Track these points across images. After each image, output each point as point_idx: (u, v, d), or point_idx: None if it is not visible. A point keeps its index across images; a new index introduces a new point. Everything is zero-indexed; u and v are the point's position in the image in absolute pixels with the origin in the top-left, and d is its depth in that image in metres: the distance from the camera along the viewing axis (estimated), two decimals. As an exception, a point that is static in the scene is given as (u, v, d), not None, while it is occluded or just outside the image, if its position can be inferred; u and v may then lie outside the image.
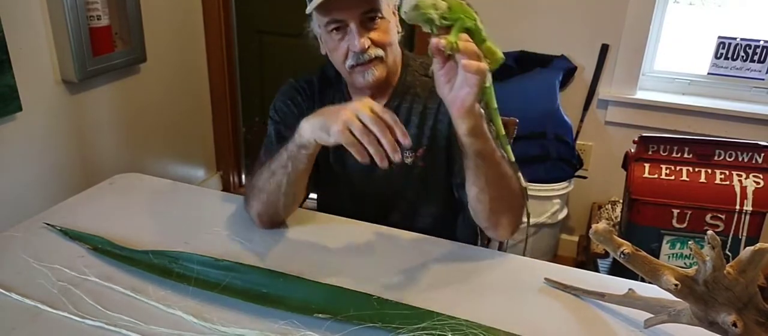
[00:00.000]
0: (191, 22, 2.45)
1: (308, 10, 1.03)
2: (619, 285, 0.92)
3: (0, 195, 1.71)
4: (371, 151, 0.84)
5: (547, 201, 2.03)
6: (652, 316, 0.82)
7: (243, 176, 2.89)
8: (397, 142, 0.84)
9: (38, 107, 1.79)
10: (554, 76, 2.02)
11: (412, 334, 0.80)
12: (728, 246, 1.47)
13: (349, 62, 1.05)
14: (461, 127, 0.88)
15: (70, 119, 1.92)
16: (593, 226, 0.68)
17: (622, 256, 0.68)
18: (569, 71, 2.11)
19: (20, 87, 1.70)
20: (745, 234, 1.44)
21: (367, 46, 1.02)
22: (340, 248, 1.06)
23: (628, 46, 2.07)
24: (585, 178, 2.13)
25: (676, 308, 0.79)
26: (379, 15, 1.03)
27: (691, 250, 0.73)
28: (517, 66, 2.11)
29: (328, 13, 1.02)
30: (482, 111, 0.90)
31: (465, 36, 0.82)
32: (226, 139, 2.73)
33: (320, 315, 0.84)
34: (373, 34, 1.03)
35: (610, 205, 2.08)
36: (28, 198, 1.78)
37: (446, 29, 0.83)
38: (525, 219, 1.07)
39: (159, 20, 2.20)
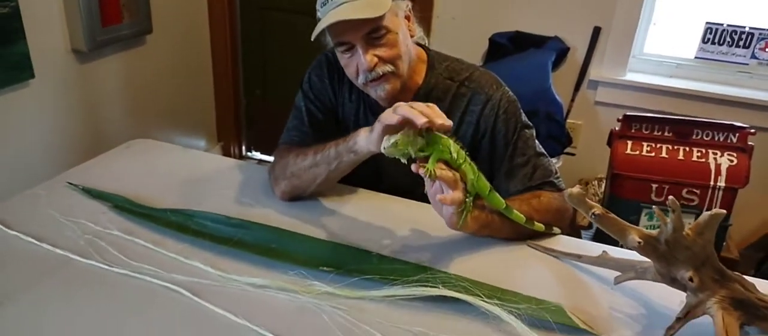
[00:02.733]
0: (196, -4, 2.51)
1: (313, 36, 1.04)
2: (595, 248, 1.02)
3: (14, 158, 1.79)
4: (415, 117, 0.86)
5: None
6: (621, 273, 0.92)
7: (243, 147, 2.97)
8: None
9: (50, 75, 1.85)
10: (547, 56, 2.10)
11: (406, 285, 0.90)
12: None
13: (361, 80, 1.06)
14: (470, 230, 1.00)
15: (80, 88, 1.99)
16: (568, 190, 0.77)
17: (593, 216, 0.77)
18: (562, 52, 2.19)
19: (33, 55, 1.76)
20: (718, 208, 1.53)
21: (374, 65, 1.03)
22: (345, 213, 1.14)
23: (619, 29, 2.15)
24: (573, 155, 2.22)
25: (642, 266, 0.89)
26: (384, 31, 1.03)
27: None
28: (512, 45, 2.19)
29: (334, 36, 1.04)
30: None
31: (441, 165, 0.89)
32: (227, 110, 2.80)
33: (324, 268, 0.94)
34: (380, 51, 1.03)
35: (596, 182, 2.18)
36: (40, 161, 1.86)
37: (425, 158, 0.90)
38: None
39: (166, -7, 2.26)
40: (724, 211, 0.80)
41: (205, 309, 0.85)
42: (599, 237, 1.41)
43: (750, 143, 1.56)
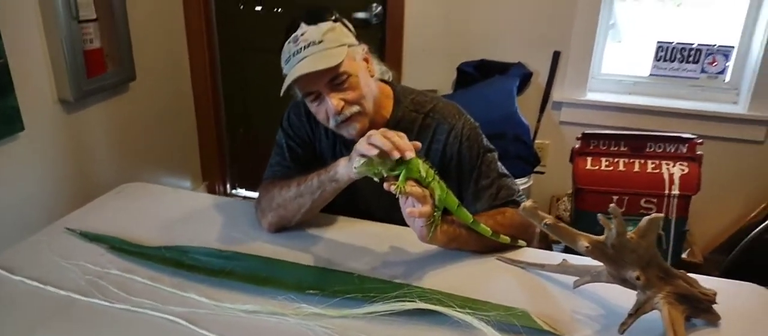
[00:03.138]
0: (176, 42, 2.62)
1: (281, 92, 1.13)
2: (556, 258, 1.12)
3: (7, 208, 1.85)
4: (389, 149, 0.96)
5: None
6: (579, 278, 1.02)
7: (228, 185, 3.05)
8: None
9: (38, 126, 1.93)
10: (512, 81, 2.23)
11: (386, 302, 0.98)
12: (661, 226, 1.67)
13: (332, 123, 1.15)
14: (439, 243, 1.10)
15: (68, 136, 2.06)
16: (522, 204, 0.87)
17: (545, 226, 0.88)
18: (525, 77, 2.32)
19: (22, 108, 1.84)
20: (674, 215, 1.66)
21: (341, 108, 1.11)
22: (327, 239, 1.24)
23: (577, 52, 2.29)
24: (542, 173, 2.34)
25: (597, 270, 0.99)
26: (345, 76, 1.11)
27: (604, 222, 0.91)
28: (479, 73, 2.32)
29: (300, 89, 1.14)
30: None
31: (411, 182, 1.00)
32: (211, 150, 2.88)
33: (310, 291, 1.02)
34: (345, 94, 1.12)
35: (566, 197, 2.30)
36: (33, 210, 1.92)
37: (397, 177, 1.00)
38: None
39: (146, 41, 2.36)
40: (661, 216, 0.91)
41: (202, 336, 0.93)
42: (569, 248, 1.50)
43: (699, 152, 1.69)
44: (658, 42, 2.31)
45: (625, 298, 0.96)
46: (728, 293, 1.04)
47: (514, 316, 0.96)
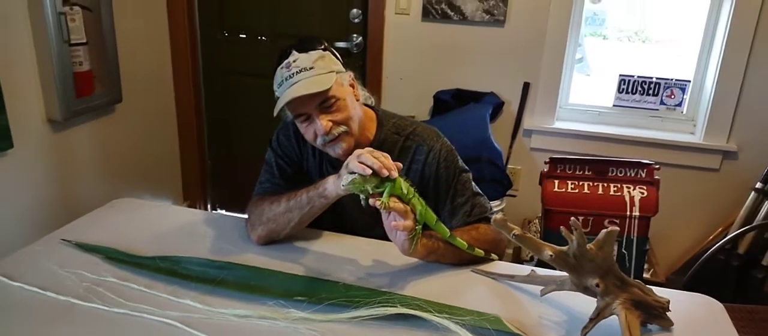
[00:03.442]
0: (162, 66, 2.69)
1: (275, 113, 1.22)
2: (525, 270, 1.22)
3: (-5, 224, 1.88)
4: (378, 168, 1.06)
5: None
6: (545, 287, 1.12)
7: (208, 206, 3.09)
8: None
9: (27, 144, 1.97)
10: (485, 109, 2.36)
11: (369, 307, 1.06)
12: (623, 245, 1.81)
13: (319, 142, 1.23)
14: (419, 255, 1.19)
15: (55, 155, 2.11)
16: (492, 217, 0.97)
17: (513, 236, 0.97)
18: (498, 106, 2.46)
19: (12, 126, 1.88)
20: (635, 234, 1.78)
21: (329, 128, 1.20)
22: (314, 251, 1.31)
23: (546, 83, 2.43)
24: (514, 196, 2.46)
25: (561, 279, 1.09)
26: (334, 99, 1.20)
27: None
28: (454, 101, 2.44)
29: (292, 110, 1.22)
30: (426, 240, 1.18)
31: (394, 199, 1.10)
32: (192, 171, 2.94)
33: (298, 297, 1.10)
34: (333, 116, 1.21)
35: (537, 220, 2.41)
36: (20, 225, 1.95)
37: (381, 194, 1.09)
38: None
39: (133, 64, 2.43)
40: (616, 229, 1.02)
41: (197, 338, 0.99)
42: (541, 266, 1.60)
43: (656, 177, 1.82)
44: (620, 75, 2.47)
45: (586, 305, 1.05)
46: (682, 303, 1.15)
47: (487, 320, 1.05)
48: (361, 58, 2.61)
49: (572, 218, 0.96)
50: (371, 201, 1.09)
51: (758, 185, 2.19)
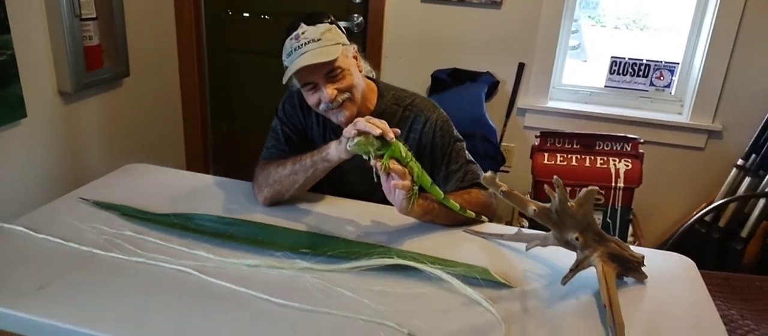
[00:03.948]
0: (167, 42, 2.76)
1: (284, 81, 1.31)
2: (512, 229, 1.31)
3: (10, 189, 1.97)
4: (374, 131, 1.15)
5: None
6: (530, 242, 1.21)
7: (210, 181, 3.18)
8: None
9: (40, 114, 2.05)
10: (481, 88, 2.44)
11: (369, 258, 1.16)
12: (608, 214, 1.90)
13: (322, 107, 1.33)
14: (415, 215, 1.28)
15: (65, 125, 2.19)
16: (482, 175, 1.06)
17: (501, 193, 1.06)
18: (493, 85, 2.54)
19: (25, 97, 1.96)
20: (619, 204, 1.87)
21: (334, 96, 1.30)
22: (317, 212, 1.40)
23: (540, 64, 2.52)
24: (507, 172, 2.55)
25: (545, 236, 1.18)
26: (339, 70, 1.30)
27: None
28: (451, 80, 2.52)
29: (300, 79, 1.31)
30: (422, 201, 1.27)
31: (394, 161, 1.19)
32: (195, 145, 3.02)
33: (303, 250, 1.19)
34: (338, 84, 1.30)
35: (528, 194, 2.50)
36: (33, 190, 2.04)
37: (381, 156, 1.18)
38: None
39: (140, 40, 2.50)
40: (596, 188, 1.11)
41: (211, 283, 1.08)
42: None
43: (641, 151, 1.91)
44: (612, 57, 2.55)
45: (568, 259, 1.14)
46: (657, 260, 1.25)
47: (476, 271, 1.15)
48: (361, 38, 2.69)
49: (555, 176, 1.05)
50: (373, 162, 1.18)
51: (739, 162, 2.29)
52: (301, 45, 1.27)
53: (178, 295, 1.05)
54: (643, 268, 1.18)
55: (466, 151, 1.46)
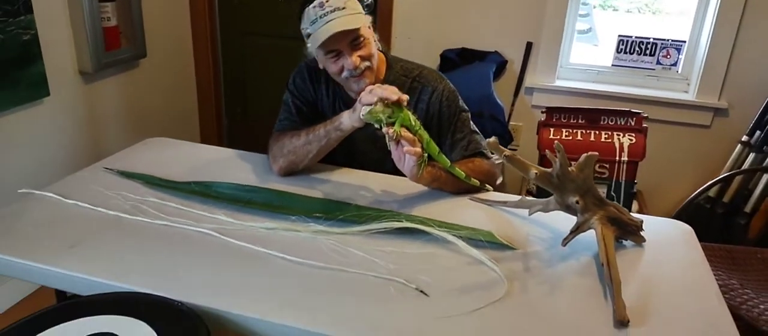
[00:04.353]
0: (182, 25, 2.83)
1: (311, 49, 1.37)
2: (516, 197, 1.37)
3: (36, 163, 2.06)
4: (388, 95, 1.22)
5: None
6: (532, 207, 1.26)
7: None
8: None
9: (61, 93, 2.13)
10: (489, 67, 2.49)
11: (379, 222, 1.22)
12: (613, 187, 1.95)
13: (345, 74, 1.38)
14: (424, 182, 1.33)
15: (85, 104, 2.27)
16: (487, 140, 1.11)
17: (504, 158, 1.12)
18: (501, 64, 2.58)
19: (48, 76, 2.04)
20: (623, 178, 1.92)
21: (358, 63, 1.36)
22: (329, 181, 1.46)
23: (548, 43, 2.55)
24: (515, 150, 2.60)
25: (547, 201, 1.24)
26: (362, 38, 1.36)
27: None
28: (460, 59, 2.57)
29: (325, 46, 1.34)
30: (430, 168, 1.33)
31: (404, 129, 1.24)
32: (210, 128, 3.09)
33: (317, 214, 1.25)
34: (361, 52, 1.36)
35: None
36: (56, 165, 2.13)
37: (392, 124, 1.24)
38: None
39: (156, 22, 2.57)
40: (596, 154, 1.16)
41: (231, 243, 1.15)
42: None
43: (644, 125, 1.95)
44: (619, 35, 2.58)
45: (568, 223, 1.19)
46: (656, 226, 1.30)
47: (481, 234, 1.20)
48: (371, 18, 2.73)
49: (556, 142, 1.10)
50: (384, 130, 1.23)
51: (744, 138, 2.32)
52: (327, 13, 1.32)
53: (200, 253, 1.12)
54: (641, 233, 1.24)
55: (471, 122, 1.51)
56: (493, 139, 1.12)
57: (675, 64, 2.57)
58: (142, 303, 0.93)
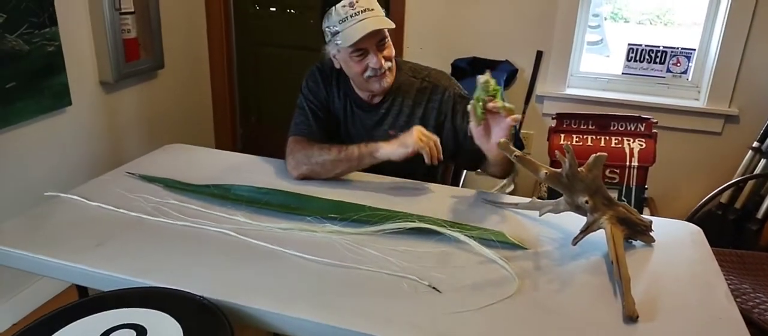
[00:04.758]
0: (198, 36, 2.90)
1: (339, 45, 1.40)
2: (527, 199, 1.39)
3: (56, 169, 2.12)
4: (428, 154, 1.35)
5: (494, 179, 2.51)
6: (543, 208, 1.29)
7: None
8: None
9: (83, 103, 2.20)
10: (500, 76, 2.52)
11: (393, 222, 1.25)
12: (623, 193, 1.96)
13: (368, 74, 1.43)
14: (496, 157, 1.36)
15: (106, 113, 2.34)
16: (498, 141, 1.14)
17: (515, 158, 1.15)
18: (512, 73, 2.61)
19: (71, 86, 2.11)
20: (634, 183, 1.94)
21: (383, 64, 1.42)
22: (343, 183, 1.50)
23: (558, 52, 2.58)
24: (526, 157, 2.63)
25: (557, 202, 1.26)
26: (387, 39, 1.42)
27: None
28: (471, 68, 2.61)
29: (356, 45, 1.39)
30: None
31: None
32: (225, 136, 3.15)
33: (332, 215, 1.29)
34: (385, 53, 1.43)
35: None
36: (77, 172, 2.19)
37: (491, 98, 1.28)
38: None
39: (173, 34, 2.64)
40: (605, 154, 1.19)
41: (249, 243, 1.19)
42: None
43: (654, 131, 1.97)
44: (629, 44, 2.60)
45: (579, 224, 1.22)
46: (665, 227, 1.32)
47: (492, 234, 1.23)
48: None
49: (565, 142, 1.13)
50: (491, 105, 1.27)
51: (755, 144, 2.33)
52: (358, 12, 1.37)
53: (220, 252, 1.16)
54: (650, 233, 1.26)
55: None
56: (503, 140, 1.16)
57: (685, 72, 2.58)
58: (166, 297, 0.96)
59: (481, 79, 1.30)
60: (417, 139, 1.36)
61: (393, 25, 1.39)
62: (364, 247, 1.18)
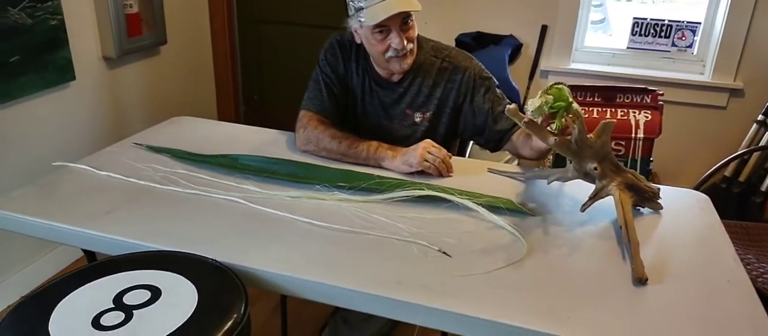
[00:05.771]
0: (200, 13, 2.87)
1: (364, 22, 1.36)
2: (535, 169, 1.39)
3: (61, 144, 2.12)
4: (435, 172, 1.35)
5: (502, 152, 2.51)
6: (551, 176, 1.29)
7: (242, 148, 3.31)
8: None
9: (86, 77, 2.19)
10: (504, 51, 2.51)
11: (402, 190, 1.26)
12: (629, 164, 1.96)
13: (389, 54, 1.40)
14: (541, 149, 1.32)
15: (108, 88, 2.33)
16: (507, 107, 1.14)
17: (524, 123, 1.15)
18: (517, 47, 2.60)
19: (74, 61, 2.10)
20: (639, 155, 1.94)
21: (405, 44, 1.40)
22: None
23: (563, 26, 2.57)
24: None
25: (565, 170, 1.26)
26: (411, 19, 1.39)
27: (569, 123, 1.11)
28: (475, 43, 2.59)
29: (383, 22, 1.34)
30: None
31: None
32: (227, 112, 3.14)
33: (340, 183, 1.29)
34: (408, 33, 1.40)
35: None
36: (82, 146, 2.18)
37: (554, 115, 1.15)
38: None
39: (176, 10, 2.62)
40: (614, 121, 1.19)
41: (258, 210, 1.19)
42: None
43: (660, 102, 1.97)
44: (634, 18, 2.59)
45: (587, 191, 1.22)
46: (673, 194, 1.33)
47: (500, 201, 1.24)
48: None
49: (575, 104, 1.13)
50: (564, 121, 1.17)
51: (760, 117, 2.32)
52: None
53: (230, 218, 1.16)
54: (659, 201, 1.26)
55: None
56: (513, 105, 1.15)
57: (690, 46, 2.57)
58: (180, 260, 0.97)
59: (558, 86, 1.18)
60: (421, 159, 1.35)
61: (419, 8, 1.37)
62: (374, 214, 1.19)
